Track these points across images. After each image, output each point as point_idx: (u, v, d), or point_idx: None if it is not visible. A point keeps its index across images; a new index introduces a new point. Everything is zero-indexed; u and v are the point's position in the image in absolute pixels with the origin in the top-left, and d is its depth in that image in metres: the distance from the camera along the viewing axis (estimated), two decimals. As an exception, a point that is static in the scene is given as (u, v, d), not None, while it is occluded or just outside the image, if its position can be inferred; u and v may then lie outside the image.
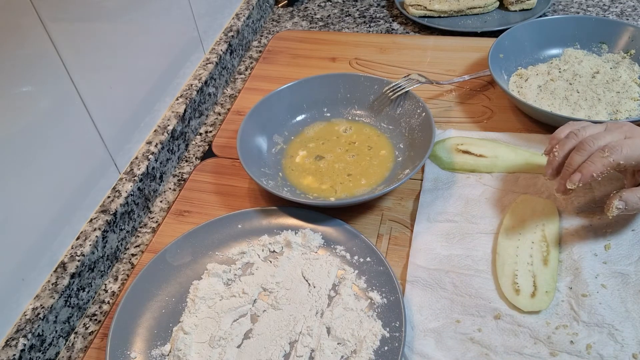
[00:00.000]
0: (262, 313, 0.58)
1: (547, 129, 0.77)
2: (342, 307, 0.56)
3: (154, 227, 0.71)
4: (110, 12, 0.66)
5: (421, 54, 0.96)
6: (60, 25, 0.57)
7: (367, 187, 0.70)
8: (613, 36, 0.86)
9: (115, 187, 0.68)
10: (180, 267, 0.62)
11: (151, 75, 0.76)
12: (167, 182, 0.78)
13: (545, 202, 0.65)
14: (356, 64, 0.95)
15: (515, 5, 1.03)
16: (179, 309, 0.59)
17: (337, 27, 1.08)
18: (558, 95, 0.79)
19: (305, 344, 0.54)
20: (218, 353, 0.54)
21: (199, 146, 0.83)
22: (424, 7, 1.04)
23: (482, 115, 0.81)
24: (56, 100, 0.58)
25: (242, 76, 0.98)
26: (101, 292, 0.64)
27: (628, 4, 1.04)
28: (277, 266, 0.62)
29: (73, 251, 0.60)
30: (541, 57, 0.88)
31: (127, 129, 0.71)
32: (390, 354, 0.52)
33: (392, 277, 0.58)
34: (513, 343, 0.53)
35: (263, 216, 0.67)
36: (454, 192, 0.69)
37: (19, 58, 0.52)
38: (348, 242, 0.63)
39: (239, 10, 1.04)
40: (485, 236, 0.63)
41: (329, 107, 0.82)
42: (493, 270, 0.60)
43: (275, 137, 0.78)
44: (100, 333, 0.59)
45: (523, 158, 0.71)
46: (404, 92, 0.77)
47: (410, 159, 0.71)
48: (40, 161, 0.56)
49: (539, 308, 0.55)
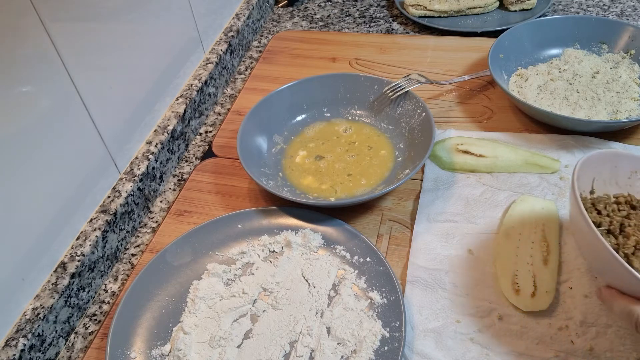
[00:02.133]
0: (262, 313, 0.58)
1: (547, 129, 0.77)
2: (342, 307, 0.56)
3: (154, 227, 0.71)
4: (110, 12, 0.66)
5: (421, 54, 0.96)
6: (60, 25, 0.57)
7: (367, 187, 0.70)
8: (613, 36, 0.86)
9: (115, 187, 0.68)
10: (180, 267, 0.62)
11: (151, 75, 0.76)
12: (167, 182, 0.78)
13: (545, 202, 0.65)
14: (356, 64, 0.95)
15: (515, 5, 1.03)
16: (179, 309, 0.59)
17: (337, 27, 1.08)
18: (558, 95, 0.79)
19: (305, 344, 0.54)
20: (218, 353, 0.54)
21: (199, 146, 0.83)
22: (424, 7, 1.04)
23: (482, 115, 0.81)
24: (56, 100, 0.58)
25: (242, 76, 0.98)
26: (101, 292, 0.64)
27: (628, 4, 1.04)
28: (277, 266, 0.62)
29: (73, 251, 0.60)
30: (541, 57, 0.88)
31: (127, 129, 0.71)
32: (390, 354, 0.52)
33: (392, 277, 0.58)
34: (513, 343, 0.53)
35: (263, 216, 0.67)
36: (454, 192, 0.69)
37: (19, 58, 0.52)
38: (348, 242, 0.63)
39: (239, 10, 1.04)
40: (485, 236, 0.63)
41: (329, 107, 0.82)
42: (493, 270, 0.60)
43: (275, 137, 0.78)
44: (100, 333, 0.59)
45: (523, 158, 0.71)
46: (404, 92, 0.77)
47: (410, 159, 0.71)
48: (40, 161, 0.56)
49: (539, 308, 0.55)
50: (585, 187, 0.56)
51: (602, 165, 0.56)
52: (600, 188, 0.57)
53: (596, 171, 0.56)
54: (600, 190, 0.57)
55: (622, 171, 0.56)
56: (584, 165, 0.53)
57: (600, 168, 0.56)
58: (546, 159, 0.71)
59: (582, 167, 0.52)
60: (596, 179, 0.56)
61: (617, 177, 0.57)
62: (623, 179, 0.57)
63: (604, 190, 0.57)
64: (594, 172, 0.56)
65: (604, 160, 0.55)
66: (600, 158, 0.55)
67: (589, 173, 0.55)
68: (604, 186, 0.57)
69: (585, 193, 0.56)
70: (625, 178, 0.57)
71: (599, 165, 0.55)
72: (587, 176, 0.55)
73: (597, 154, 0.54)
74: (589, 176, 0.56)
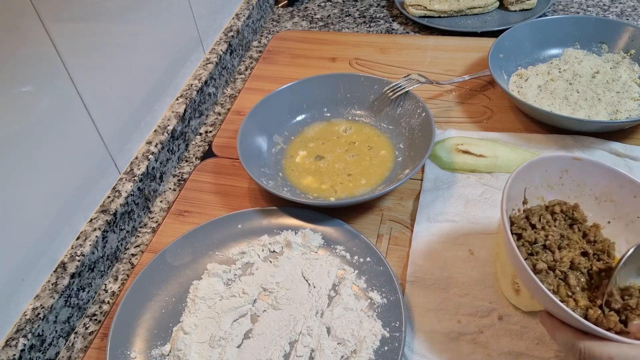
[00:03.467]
0: (262, 313, 0.58)
1: (547, 129, 0.77)
2: (342, 307, 0.56)
3: (154, 227, 0.71)
4: (110, 12, 0.66)
5: (421, 54, 0.96)
6: (60, 25, 0.57)
7: (367, 187, 0.70)
8: (613, 36, 0.86)
9: (115, 187, 0.68)
10: (180, 267, 0.62)
11: (151, 75, 0.76)
12: (167, 182, 0.78)
13: (545, 202, 0.65)
14: (356, 64, 0.95)
15: (515, 5, 1.03)
16: (179, 309, 0.59)
17: (337, 27, 1.08)
18: (558, 95, 0.79)
19: (305, 344, 0.54)
20: (218, 353, 0.54)
21: (199, 146, 0.83)
22: (424, 7, 1.04)
23: (482, 115, 0.81)
24: (56, 100, 0.58)
25: (242, 76, 0.98)
26: (101, 292, 0.64)
27: (628, 4, 1.04)
28: (277, 266, 0.62)
29: (73, 251, 0.60)
30: (541, 57, 0.88)
31: (127, 129, 0.71)
32: (390, 354, 0.52)
33: (392, 277, 0.58)
34: (513, 343, 0.53)
35: (263, 216, 0.67)
36: (454, 192, 0.69)
37: (19, 58, 0.52)
38: (348, 242, 0.63)
39: (239, 10, 1.04)
40: (485, 236, 0.63)
41: (329, 107, 0.82)
42: (493, 270, 0.60)
43: (275, 137, 0.78)
44: (100, 333, 0.59)
45: (523, 158, 0.71)
46: (404, 92, 0.77)
47: (410, 159, 0.71)
48: (40, 161, 0.56)
49: (539, 308, 0.55)
50: (517, 199, 0.56)
51: (532, 173, 0.56)
52: (532, 194, 0.57)
53: (527, 180, 0.56)
54: (532, 196, 0.57)
55: (553, 173, 0.57)
56: (513, 181, 0.53)
57: (531, 176, 0.56)
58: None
59: (511, 184, 0.52)
60: (527, 188, 0.57)
61: (549, 179, 0.57)
62: (554, 180, 0.57)
63: (537, 194, 0.57)
64: (524, 182, 0.56)
65: (533, 168, 0.55)
66: (530, 167, 0.55)
67: (520, 184, 0.56)
68: (536, 191, 0.57)
69: (519, 205, 0.56)
70: (556, 178, 0.57)
71: (528, 174, 0.55)
72: (519, 188, 0.56)
73: (524, 165, 0.54)
74: (521, 187, 0.56)
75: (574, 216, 0.54)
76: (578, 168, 0.56)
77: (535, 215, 0.54)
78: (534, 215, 0.54)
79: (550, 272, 0.49)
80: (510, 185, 0.52)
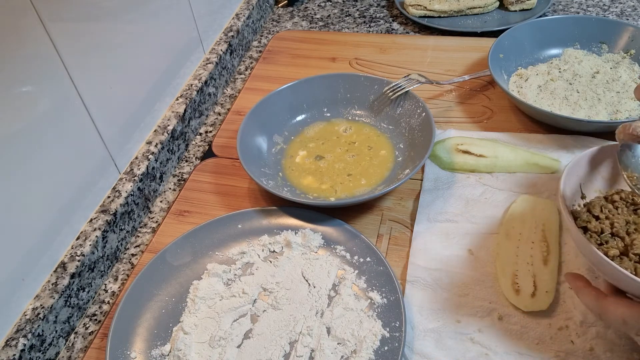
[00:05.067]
0: (262, 313, 0.58)
1: (547, 129, 0.77)
2: (342, 307, 0.56)
3: (154, 227, 0.71)
4: (110, 12, 0.66)
5: (421, 54, 0.96)
6: (60, 25, 0.57)
7: (367, 187, 0.70)
8: (613, 36, 0.86)
9: (115, 187, 0.68)
10: (180, 267, 0.62)
11: (151, 75, 0.76)
12: (167, 182, 0.78)
13: (545, 202, 0.65)
14: (356, 64, 0.95)
15: (515, 5, 1.03)
16: (179, 309, 0.59)
17: (337, 27, 1.08)
18: (558, 95, 0.79)
19: (305, 344, 0.54)
20: (218, 353, 0.54)
21: (199, 146, 0.83)
22: (424, 7, 1.04)
23: (482, 115, 0.81)
24: (56, 100, 0.58)
25: (242, 76, 0.98)
26: (101, 292, 0.64)
27: (628, 4, 1.04)
28: (277, 266, 0.62)
29: (73, 251, 0.60)
30: (541, 57, 0.88)
31: (127, 129, 0.71)
32: (390, 354, 0.52)
33: (392, 277, 0.58)
34: (513, 343, 0.53)
35: (263, 216, 0.67)
36: (454, 192, 0.69)
37: (19, 58, 0.52)
38: (348, 242, 0.63)
39: (239, 10, 1.04)
40: (485, 236, 0.63)
41: (329, 107, 0.82)
42: (493, 270, 0.60)
43: (275, 137, 0.78)
44: (100, 333, 0.59)
45: (523, 158, 0.71)
46: (404, 92, 0.77)
47: (410, 159, 0.71)
48: (40, 161, 0.56)
49: (539, 308, 0.55)
50: (575, 195, 0.56)
51: (582, 168, 0.56)
52: (589, 188, 0.57)
53: (579, 176, 0.56)
54: (589, 190, 0.57)
55: (603, 164, 0.57)
56: (566, 178, 0.53)
57: (582, 171, 0.56)
58: (546, 159, 0.71)
59: (565, 181, 0.53)
60: (582, 183, 0.57)
61: (601, 171, 0.58)
62: (607, 170, 0.58)
63: (593, 187, 0.58)
64: (577, 178, 0.56)
65: (582, 163, 0.56)
66: (579, 163, 0.55)
67: (573, 180, 0.56)
68: (592, 185, 0.58)
69: (578, 201, 0.57)
70: (608, 168, 0.58)
71: (579, 169, 0.56)
72: (573, 184, 0.56)
73: (573, 162, 0.55)
74: (575, 183, 0.56)
75: (635, 201, 0.54)
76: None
77: (596, 207, 0.53)
78: (595, 207, 0.53)
79: (624, 258, 0.49)
80: (564, 183, 0.52)
